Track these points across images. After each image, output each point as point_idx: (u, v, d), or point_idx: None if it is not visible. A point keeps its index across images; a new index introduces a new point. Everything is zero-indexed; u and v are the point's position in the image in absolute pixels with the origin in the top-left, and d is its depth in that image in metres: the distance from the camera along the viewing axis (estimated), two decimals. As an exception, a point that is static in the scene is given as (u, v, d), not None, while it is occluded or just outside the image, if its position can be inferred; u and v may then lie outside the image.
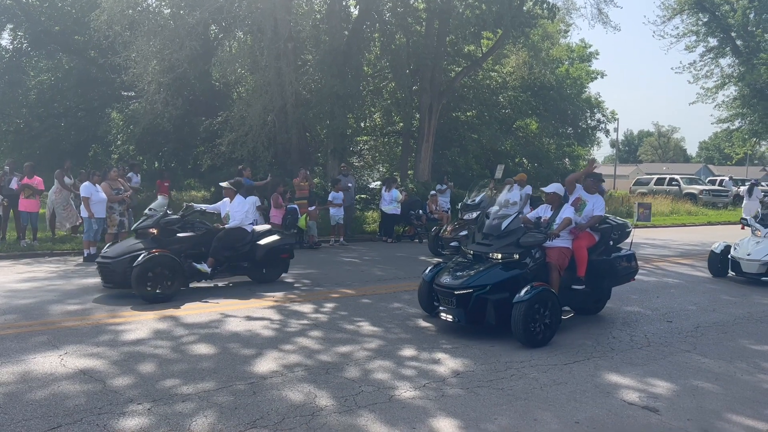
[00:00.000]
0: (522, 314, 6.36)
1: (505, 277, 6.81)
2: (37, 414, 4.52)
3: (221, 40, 21.44)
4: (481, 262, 7.10)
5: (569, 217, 7.36)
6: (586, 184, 8.00)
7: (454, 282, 6.89)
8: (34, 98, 23.37)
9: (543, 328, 6.56)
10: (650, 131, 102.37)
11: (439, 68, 21.39)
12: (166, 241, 8.94)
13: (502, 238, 7.10)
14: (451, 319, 6.94)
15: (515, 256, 6.96)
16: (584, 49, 34.42)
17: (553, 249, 7.27)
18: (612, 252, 7.98)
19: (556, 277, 7.12)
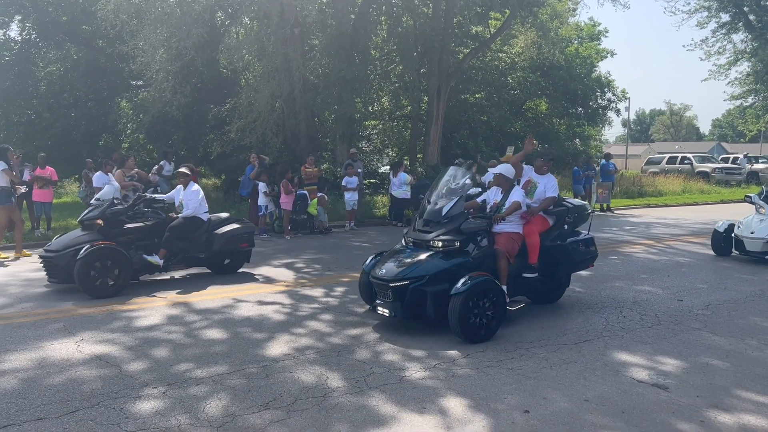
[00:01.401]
0: (459, 307, 5.87)
1: (444, 266, 6.26)
2: (55, 399, 4.62)
3: (228, 26, 21.39)
4: (421, 251, 6.54)
5: (518, 201, 6.83)
6: (536, 164, 7.51)
7: (389, 273, 6.33)
8: (44, 89, 23.47)
9: (484, 322, 6.06)
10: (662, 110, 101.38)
11: (446, 50, 21.25)
12: (113, 232, 8.46)
13: (442, 224, 6.59)
14: (388, 313, 6.38)
15: (456, 244, 6.45)
16: (593, 28, 34.06)
17: (502, 235, 6.77)
18: (568, 236, 7.41)
19: (505, 265, 6.61)
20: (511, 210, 6.78)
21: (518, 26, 24.39)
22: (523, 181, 7.39)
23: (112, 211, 8.58)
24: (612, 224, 17.21)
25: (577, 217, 7.61)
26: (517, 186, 7.12)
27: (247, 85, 20.58)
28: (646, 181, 29.69)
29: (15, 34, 23.76)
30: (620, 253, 11.80)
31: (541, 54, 27.24)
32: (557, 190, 7.37)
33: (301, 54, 18.35)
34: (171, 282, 9.14)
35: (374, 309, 6.63)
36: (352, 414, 4.40)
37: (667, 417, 4.40)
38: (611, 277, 9.45)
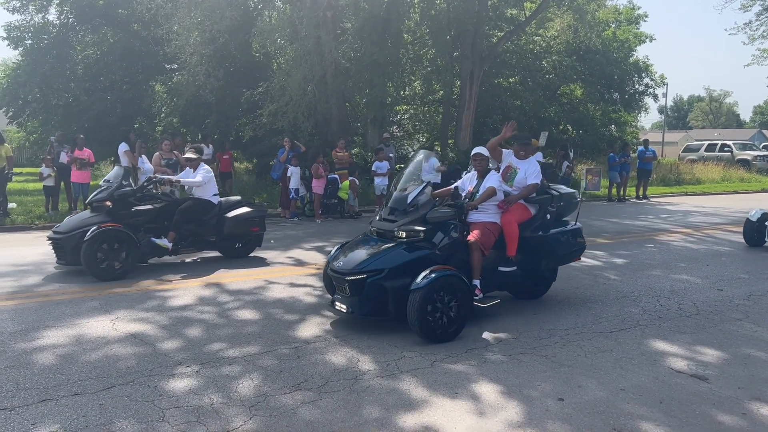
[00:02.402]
0: (418, 304, 5.37)
1: (406, 259, 5.75)
2: (92, 375, 4.70)
3: (261, 10, 21.40)
4: (384, 242, 6.03)
5: (493, 187, 6.27)
6: (515, 148, 6.90)
7: (346, 266, 5.84)
8: (81, 72, 23.85)
9: (447, 320, 5.58)
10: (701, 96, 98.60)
11: (480, 33, 20.94)
12: (121, 214, 8.33)
13: (408, 213, 6.05)
14: (345, 309, 5.88)
15: (421, 235, 5.92)
16: (632, 11, 33.17)
17: (476, 225, 6.23)
18: (552, 227, 6.78)
19: (478, 258, 6.07)
20: (485, 197, 6.27)
21: (554, 9, 23.88)
22: (503, 167, 6.85)
23: (120, 192, 8.46)
24: (648, 212, 16.86)
25: (564, 206, 6.97)
26: (493, 171, 6.58)
27: (279, 69, 20.61)
28: (684, 168, 29.01)
29: (54, 18, 24.17)
30: (657, 242, 11.54)
31: (577, 37, 26.64)
32: (540, 176, 6.68)
33: (333, 37, 18.27)
34: (182, 265, 9.20)
35: (332, 304, 6.08)
36: (383, 397, 4.37)
37: (707, 408, 4.27)
38: (648, 265, 9.24)
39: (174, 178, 9.25)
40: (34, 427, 3.86)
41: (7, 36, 23.49)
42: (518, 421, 4.05)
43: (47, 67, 22.57)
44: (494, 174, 6.51)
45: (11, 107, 24.16)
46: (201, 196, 9.00)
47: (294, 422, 3.98)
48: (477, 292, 6.07)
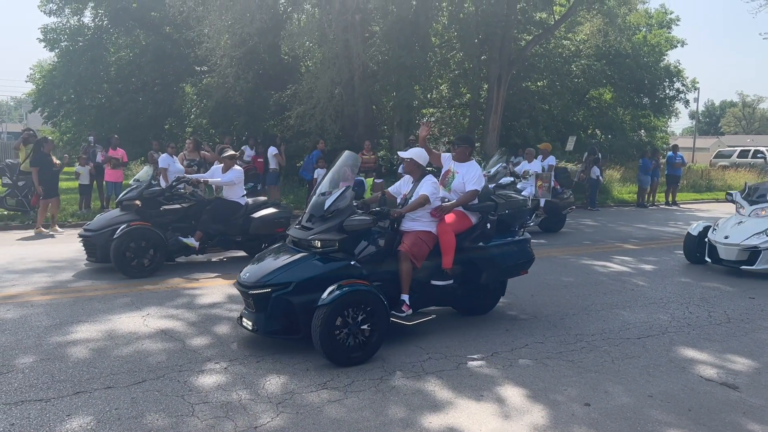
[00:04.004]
0: (322, 322, 4.83)
1: (318, 272, 5.22)
2: (124, 369, 4.81)
3: (290, 13, 21.62)
4: (298, 252, 5.49)
5: (425, 195, 5.69)
6: (456, 151, 6.36)
7: (251, 278, 5.32)
8: (114, 74, 24.33)
9: (358, 340, 5.04)
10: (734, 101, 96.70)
11: (508, 37, 20.86)
12: (150, 213, 8.51)
13: (326, 220, 5.49)
14: (251, 327, 5.33)
15: (335, 245, 5.38)
16: (664, 15, 32.70)
17: (408, 234, 5.70)
18: (496, 237, 6.23)
19: (407, 270, 5.54)
20: (415, 205, 5.70)
21: (584, 13, 23.67)
22: (443, 172, 6.37)
23: (149, 192, 8.63)
24: (678, 218, 16.61)
25: (511, 215, 6.46)
26: (429, 176, 5.96)
27: (307, 72, 20.78)
28: (715, 174, 28.49)
29: (88, 21, 24.69)
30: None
31: (607, 41, 26.36)
32: (482, 181, 6.12)
33: (361, 40, 18.37)
34: (210, 264, 9.30)
35: (240, 320, 5.55)
36: (408, 398, 4.40)
37: (737, 417, 4.22)
38: (677, 272, 9.12)
39: (203, 178, 9.38)
40: (69, 417, 3.96)
41: (44, 38, 24.07)
42: (543, 425, 4.04)
43: (82, 69, 23.06)
44: (430, 179, 5.90)
45: (46, 108, 24.74)
46: (229, 197, 9.11)
47: (320, 420, 4.03)
48: (404, 308, 5.58)
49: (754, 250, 8.66)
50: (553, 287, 7.92)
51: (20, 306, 6.53)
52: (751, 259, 8.68)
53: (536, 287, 7.87)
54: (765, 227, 8.73)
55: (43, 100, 24.68)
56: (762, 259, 8.62)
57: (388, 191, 6.27)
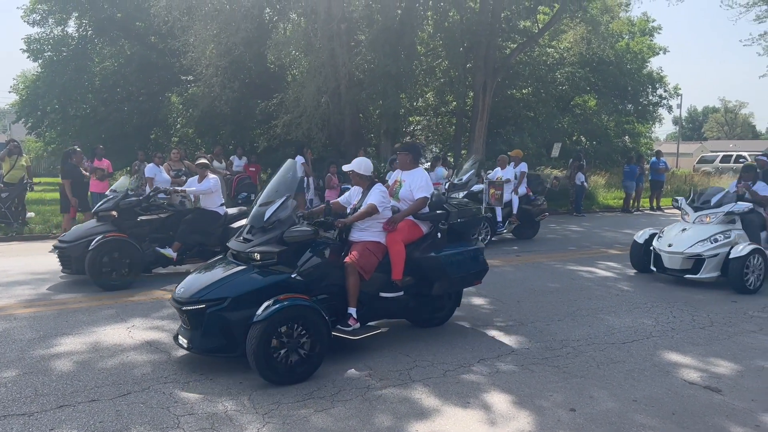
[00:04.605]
0: (257, 339, 4.61)
1: (255, 286, 5.00)
2: (108, 382, 4.78)
3: (276, 22, 21.63)
4: (238, 265, 5.29)
5: (373, 204, 5.53)
6: (400, 158, 6.23)
7: (186, 293, 5.06)
8: (99, 84, 24.18)
9: (296, 358, 4.80)
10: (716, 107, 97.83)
11: (493, 45, 21.01)
12: (127, 224, 8.38)
13: (265, 231, 5.29)
14: (186, 345, 5.05)
15: (275, 257, 5.17)
16: (646, 23, 33.08)
17: (357, 245, 5.56)
18: (448, 247, 6.02)
19: (354, 282, 5.34)
20: (361, 215, 5.55)
21: (567, 21, 23.89)
22: (391, 182, 6.28)
23: (126, 202, 8.51)
24: (662, 223, 16.74)
25: (464, 223, 6.30)
26: (378, 185, 5.80)
27: (293, 81, 20.80)
28: (699, 180, 28.80)
29: (72, 31, 24.57)
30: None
31: (591, 49, 26.62)
32: (429, 187, 5.98)
33: (347, 49, 18.43)
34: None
35: (176, 338, 5.28)
36: (395, 406, 4.41)
37: (721, 420, 4.26)
38: (661, 277, 9.19)
39: (180, 188, 9.23)
40: (52, 431, 3.93)
41: (28, 48, 23.90)
42: (530, 431, 4.06)
43: (66, 79, 22.92)
44: (379, 188, 5.74)
45: (30, 118, 24.54)
46: (207, 206, 8.98)
47: (307, 430, 4.02)
48: (351, 321, 5.39)
49: (698, 258, 8.34)
50: (539, 293, 7.97)
51: (3, 319, 6.47)
52: (695, 267, 8.37)
53: (522, 293, 7.92)
54: (709, 234, 8.41)
55: (27, 110, 24.48)
56: (706, 268, 8.30)
57: (338, 201, 6.14)
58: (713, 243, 8.32)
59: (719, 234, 8.40)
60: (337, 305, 5.42)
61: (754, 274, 8.17)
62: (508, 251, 11.33)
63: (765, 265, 8.27)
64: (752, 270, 8.15)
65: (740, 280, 8.06)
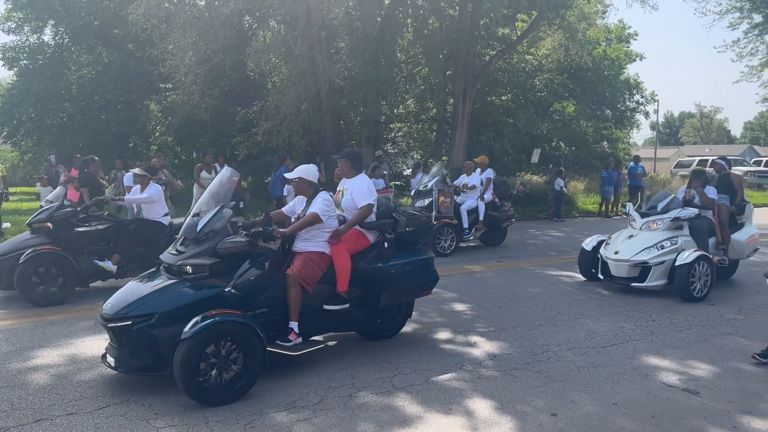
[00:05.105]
0: (183, 358, 4.36)
1: (186, 301, 4.73)
2: (87, 394, 4.71)
3: (255, 30, 21.62)
4: (169, 278, 5.02)
5: (315, 213, 5.30)
6: (340, 166, 6.06)
7: (112, 309, 4.78)
8: (76, 92, 23.97)
9: (227, 377, 4.56)
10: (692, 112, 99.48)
11: (472, 52, 21.18)
12: (62, 236, 7.86)
13: (199, 243, 5.06)
14: (113, 364, 4.76)
15: (206, 270, 4.91)
16: (622, 30, 33.60)
17: (299, 256, 5.34)
18: (397, 256, 5.78)
19: (295, 295, 5.11)
20: (302, 224, 5.32)
21: (545, 28, 24.18)
22: (338, 190, 6.08)
23: (60, 213, 7.97)
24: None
25: (414, 232, 6.04)
26: (322, 193, 5.57)
27: (273, 88, 20.78)
28: (676, 184, 29.19)
29: (49, 39, 24.33)
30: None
31: (569, 56, 27.00)
32: (372, 194, 5.72)
33: (327, 57, 18.45)
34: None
35: (104, 357, 4.97)
36: (377, 414, 4.40)
37: (699, 422, 4.32)
38: (640, 280, 9.30)
39: (119, 197, 8.77)
40: (29, 446, 3.86)
41: (2, 56, 23.62)
42: (512, 437, 4.08)
43: (42, 87, 22.67)
44: (323, 196, 5.51)
45: (6, 127, 24.26)
46: (150, 216, 8.51)
47: (289, 439, 4.00)
48: (292, 336, 5.15)
49: (644, 265, 8.08)
50: (520, 298, 8.02)
51: (-22, 332, 6.35)
52: (642, 275, 8.12)
53: (503, 299, 7.96)
54: (656, 241, 8.17)
55: (2, 119, 24.18)
56: (652, 276, 8.05)
57: (281, 211, 5.90)
58: (660, 250, 8.09)
59: (666, 240, 8.17)
60: (279, 319, 5.18)
61: (701, 281, 7.89)
62: (489, 257, 11.38)
63: (711, 271, 8.01)
64: (698, 277, 7.87)
65: (686, 288, 7.78)
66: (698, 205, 8.59)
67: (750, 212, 9.59)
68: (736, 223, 9.19)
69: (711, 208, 8.75)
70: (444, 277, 9.26)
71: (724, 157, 10.85)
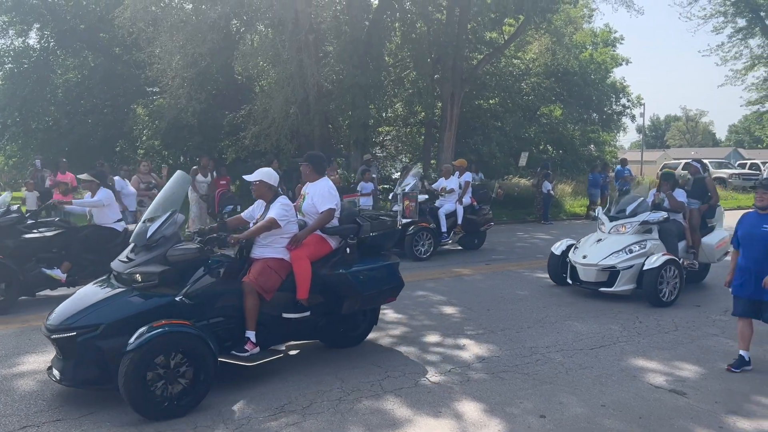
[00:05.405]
0: (128, 370, 4.17)
1: (133, 311, 4.54)
2: (73, 400, 4.67)
3: (243, 33, 21.57)
4: (118, 287, 4.80)
5: (272, 217, 5.15)
6: (302, 170, 5.87)
7: (56, 319, 4.57)
8: (62, 96, 23.80)
9: (176, 390, 4.38)
10: (677, 115, 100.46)
11: (460, 56, 21.26)
12: (8, 243, 7.53)
13: (149, 250, 4.86)
14: (58, 377, 4.57)
15: (155, 279, 4.71)
16: (609, 34, 33.88)
17: (256, 263, 5.16)
18: (359, 262, 5.63)
19: (251, 303, 4.94)
20: (259, 230, 5.17)
21: (532, 32, 24.33)
22: (301, 193, 5.94)
23: (5, 219, 7.65)
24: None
25: (379, 237, 5.84)
26: (281, 197, 5.40)
27: (261, 92, 20.74)
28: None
29: (34, 42, 24.17)
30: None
31: (555, 60, 27.17)
32: (333, 198, 5.56)
33: (315, 60, 18.45)
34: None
35: (49, 370, 4.75)
36: (367, 417, 4.40)
37: (686, 423, 4.36)
38: (627, 282, 9.36)
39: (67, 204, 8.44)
40: (14, 453, 3.83)
41: (-13, 60, 23.44)
42: (501, 439, 4.10)
43: (27, 91, 22.49)
44: (281, 201, 5.34)
45: (-10, 132, 24.02)
46: (102, 222, 8.19)
47: (278, 444, 3.99)
48: (248, 346, 4.97)
49: (612, 270, 7.92)
50: (509, 301, 8.05)
51: (-38, 338, 6.28)
52: (610, 280, 7.95)
53: (492, 301, 7.99)
54: (624, 245, 8.01)
55: (-13, 124, 23.96)
56: (621, 280, 7.87)
57: (240, 216, 5.70)
58: (628, 254, 7.93)
59: (634, 244, 8.02)
60: (235, 328, 5.00)
61: (669, 285, 7.76)
62: (477, 260, 11.42)
63: (680, 276, 7.87)
64: (666, 281, 7.74)
65: (654, 293, 7.64)
66: (667, 209, 8.50)
67: (721, 215, 9.57)
68: (706, 227, 9.13)
69: (681, 212, 8.68)
70: (433, 280, 9.33)
71: (699, 159, 10.77)
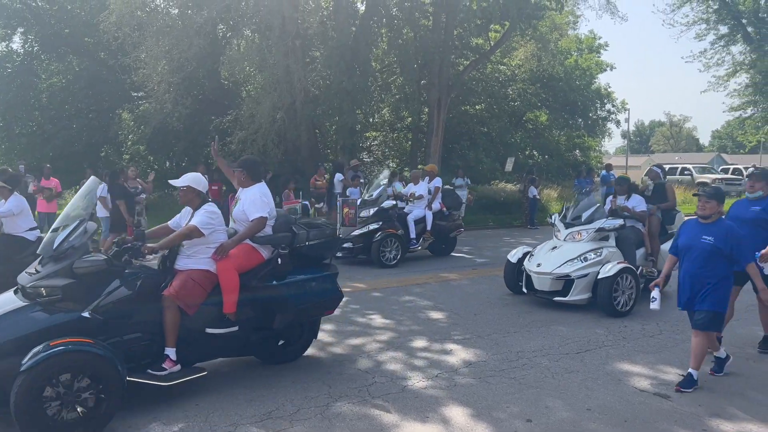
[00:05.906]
0: (20, 393, 3.85)
1: (33, 328, 4.20)
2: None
3: (229, 38, 21.51)
4: (23, 302, 4.45)
5: (193, 225, 4.85)
6: (236, 176, 5.58)
7: None
8: (46, 101, 23.57)
9: (79, 413, 4.05)
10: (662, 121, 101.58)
11: (447, 62, 21.35)
12: None
13: (57, 261, 4.51)
14: None
15: (59, 293, 4.36)
16: (593, 40, 34.22)
17: (179, 275, 4.85)
18: (294, 273, 5.37)
19: (171, 318, 4.64)
20: (176, 239, 4.87)
21: (518, 38, 24.53)
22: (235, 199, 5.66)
23: None
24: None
25: (318, 246, 5.55)
26: (208, 204, 5.10)
27: (248, 97, 20.68)
28: (647, 192, 29.69)
29: (17, 47, 23.93)
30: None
31: (541, 66, 27.38)
32: (264, 206, 5.23)
33: (302, 66, 18.45)
34: None
35: None
36: (354, 423, 4.40)
37: (670, 426, 4.40)
38: (612, 287, 9.44)
39: None
40: (-3, 462, 3.78)
41: (-30, 65, 23.16)
42: (487, 443, 4.11)
43: (11, 96, 22.27)
44: (207, 208, 5.04)
45: (-27, 137, 23.72)
46: (12, 231, 7.66)
47: (265, 450, 3.97)
48: (167, 364, 4.65)
49: (567, 279, 7.65)
50: (495, 306, 8.08)
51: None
52: (565, 289, 7.68)
53: (479, 306, 8.02)
54: (579, 253, 7.74)
55: (-30, 129, 23.67)
56: (575, 289, 7.62)
57: (166, 225, 5.32)
58: (583, 262, 7.67)
59: (590, 252, 7.75)
60: (154, 345, 4.69)
61: (625, 294, 7.54)
62: (464, 265, 11.46)
63: (636, 284, 7.64)
64: (622, 291, 7.52)
65: (609, 302, 7.39)
66: (626, 216, 8.31)
67: (680, 221, 9.61)
68: (666, 233, 8.88)
69: (643, 220, 8.54)
70: (419, 285, 9.35)
71: (660, 165, 10.79)
